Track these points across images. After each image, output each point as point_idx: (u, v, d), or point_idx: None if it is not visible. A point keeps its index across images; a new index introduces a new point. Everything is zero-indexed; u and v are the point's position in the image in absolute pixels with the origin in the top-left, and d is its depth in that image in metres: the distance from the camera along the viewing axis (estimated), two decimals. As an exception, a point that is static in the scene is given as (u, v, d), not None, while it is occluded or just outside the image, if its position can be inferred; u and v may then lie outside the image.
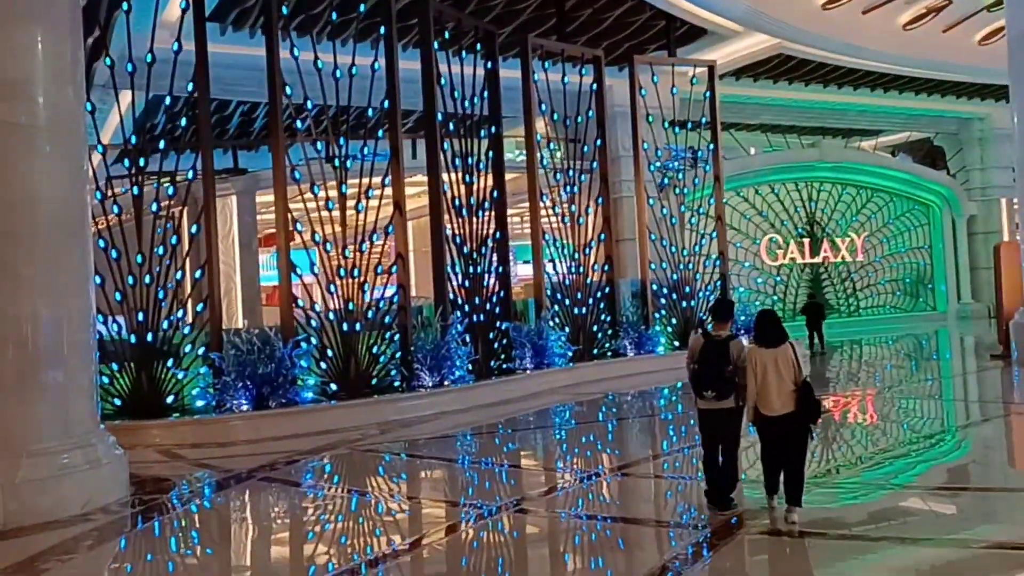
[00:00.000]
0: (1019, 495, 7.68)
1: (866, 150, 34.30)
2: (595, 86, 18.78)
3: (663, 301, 19.56)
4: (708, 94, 20.36)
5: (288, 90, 13.14)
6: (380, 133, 14.10)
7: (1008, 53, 16.54)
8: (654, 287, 19.47)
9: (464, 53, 15.58)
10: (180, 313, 12.47)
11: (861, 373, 17.99)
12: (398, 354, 13.79)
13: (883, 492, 7.69)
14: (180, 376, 12.19)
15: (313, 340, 13.02)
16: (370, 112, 13.91)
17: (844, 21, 23.25)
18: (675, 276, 19.76)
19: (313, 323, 13.18)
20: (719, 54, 21.86)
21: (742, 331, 20.35)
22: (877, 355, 21.76)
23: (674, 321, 19.58)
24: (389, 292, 14.09)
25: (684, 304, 19.78)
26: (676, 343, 19.45)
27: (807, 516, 7.04)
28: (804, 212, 31.36)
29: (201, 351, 12.32)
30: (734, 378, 6.76)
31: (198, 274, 12.75)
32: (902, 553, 5.91)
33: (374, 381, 13.47)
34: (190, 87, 12.63)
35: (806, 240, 31.03)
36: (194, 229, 12.95)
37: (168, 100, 12.81)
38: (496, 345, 15.60)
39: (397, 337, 13.84)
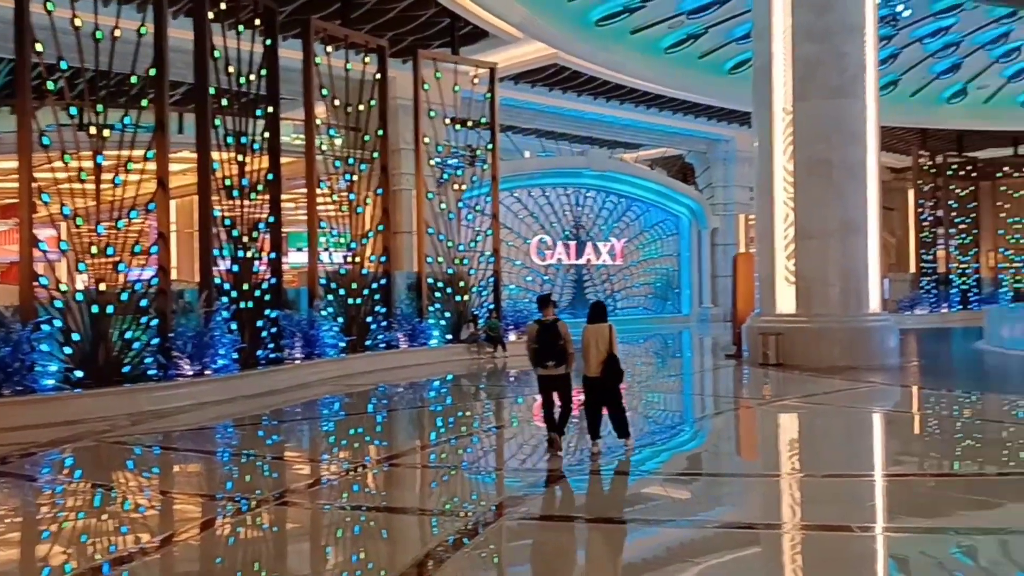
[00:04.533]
0: (744, 480, 8.61)
1: (628, 161, 36.75)
2: (378, 76, 18.67)
3: (438, 295, 19.86)
4: (488, 95, 20.91)
5: (39, 47, 11.90)
6: (144, 103, 13.13)
7: (752, 83, 18.43)
8: (429, 280, 19.72)
9: (242, 27, 14.90)
10: None
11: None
12: (155, 340, 12.93)
13: (632, 479, 8.32)
14: None
15: (57, 322, 11.91)
16: (134, 80, 12.93)
17: (615, 39, 24.82)
18: (450, 270, 20.13)
19: (57, 304, 12.04)
20: (500, 57, 22.54)
21: (510, 325, 21.13)
22: (628, 353, 23.41)
23: (448, 315, 19.95)
24: (147, 274, 13.18)
25: (458, 298, 20.20)
26: (449, 336, 19.83)
27: (563, 503, 7.48)
28: (571, 215, 33.05)
29: (-82, 331, 10.87)
30: (565, 350, 8.57)
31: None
32: (648, 534, 6.44)
33: (126, 368, 12.55)
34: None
35: (572, 242, 32.72)
36: (-87, 193, 11.40)
37: None
38: (265, 334, 15.07)
39: (155, 322, 12.97)
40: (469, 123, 20.77)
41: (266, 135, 15.39)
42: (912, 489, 7.79)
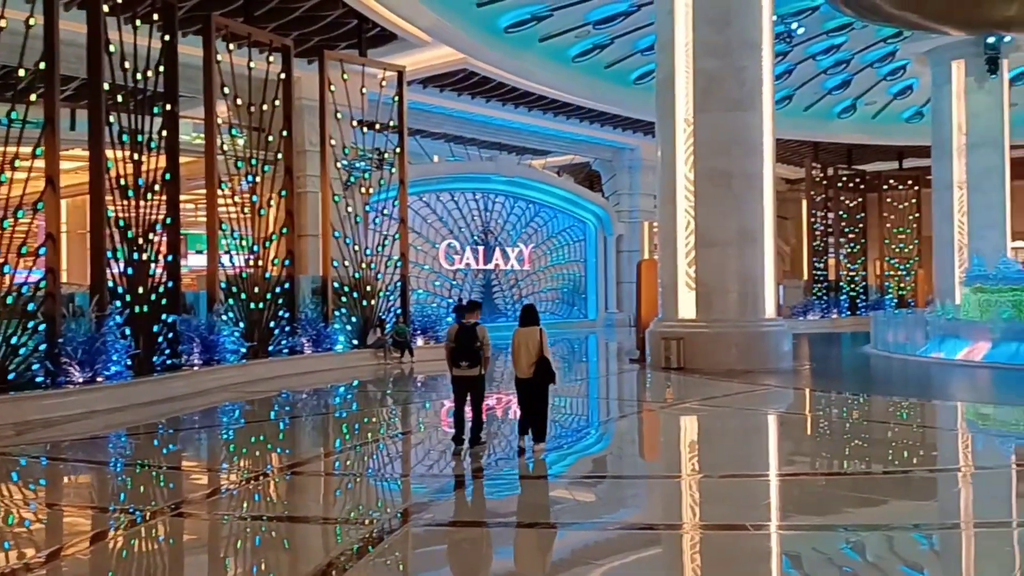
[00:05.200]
0: (647, 481, 8.80)
1: (536, 168, 37.11)
2: (283, 75, 18.34)
3: (344, 299, 19.60)
4: (396, 98, 20.79)
5: (-86, 34, 11.21)
6: (33, 98, 12.51)
7: (656, 94, 18.87)
8: (335, 285, 19.44)
9: (139, 22, 14.38)
10: None
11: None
12: (43, 346, 12.33)
13: (539, 482, 8.39)
14: None
15: (-67, 328, 11.22)
16: (22, 73, 12.30)
17: (524, 46, 25.01)
18: (357, 275, 19.90)
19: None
20: (409, 61, 22.43)
21: (418, 330, 21.04)
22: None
23: (354, 319, 19.71)
24: (35, 276, 12.56)
25: (365, 303, 19.98)
26: (355, 341, 19.59)
27: (469, 508, 7.50)
28: (480, 221, 33.15)
29: None
30: (480, 352, 8.81)
31: None
32: (553, 537, 6.51)
33: (11, 376, 11.92)
34: None
35: (480, 247, 32.81)
36: None
37: None
38: (161, 339, 14.55)
39: (43, 327, 12.36)
40: (377, 126, 20.59)
41: (164, 133, 14.89)
42: (804, 488, 8.12)
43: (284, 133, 18.32)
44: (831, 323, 34.37)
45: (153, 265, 14.51)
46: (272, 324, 17.60)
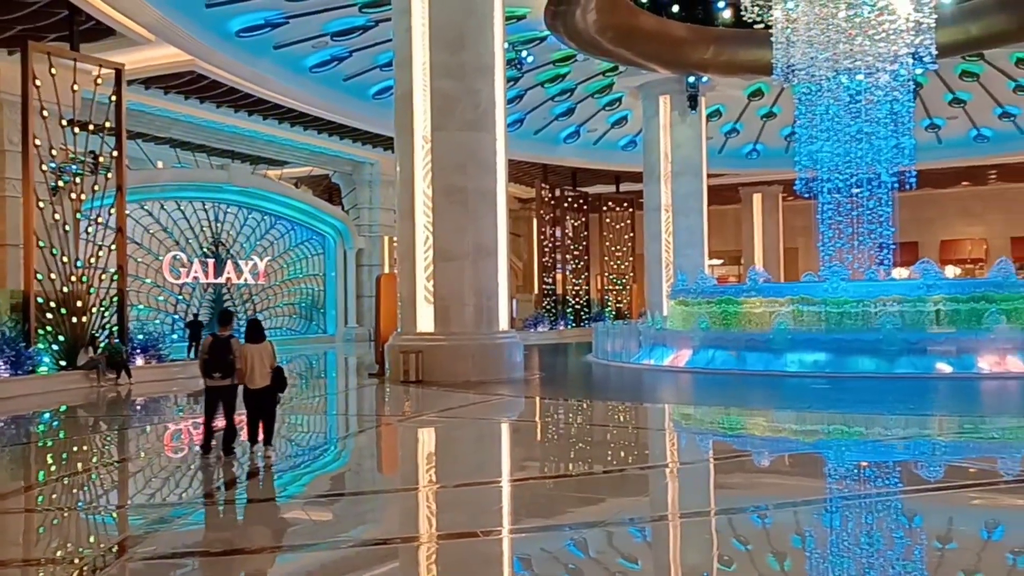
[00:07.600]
0: (385, 496, 8.82)
1: (272, 178, 35.96)
2: (-24, 65, 16.28)
3: (50, 316, 17.72)
4: (114, 98, 19.23)
5: None
6: None
7: (395, 111, 19.06)
8: (39, 300, 17.53)
9: None
10: None
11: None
12: None
13: (273, 505, 8.10)
14: None
15: None
16: None
17: (258, 52, 24.19)
18: (66, 289, 18.08)
19: None
20: (129, 59, 20.81)
21: (137, 349, 19.55)
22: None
23: (61, 338, 17.87)
24: None
25: (75, 320, 18.18)
26: (64, 363, 17.79)
27: (195, 537, 7.09)
28: (210, 232, 31.50)
29: None
30: (233, 364, 9.38)
31: None
32: (286, 561, 6.32)
33: None
34: None
35: (211, 260, 31.16)
36: None
37: None
38: None
39: None
40: (91, 127, 18.87)
41: None
42: (533, 492, 8.56)
43: (-23, 129, 16.25)
44: (558, 334, 36.55)
45: None
46: (-40, 345, 15.49)
